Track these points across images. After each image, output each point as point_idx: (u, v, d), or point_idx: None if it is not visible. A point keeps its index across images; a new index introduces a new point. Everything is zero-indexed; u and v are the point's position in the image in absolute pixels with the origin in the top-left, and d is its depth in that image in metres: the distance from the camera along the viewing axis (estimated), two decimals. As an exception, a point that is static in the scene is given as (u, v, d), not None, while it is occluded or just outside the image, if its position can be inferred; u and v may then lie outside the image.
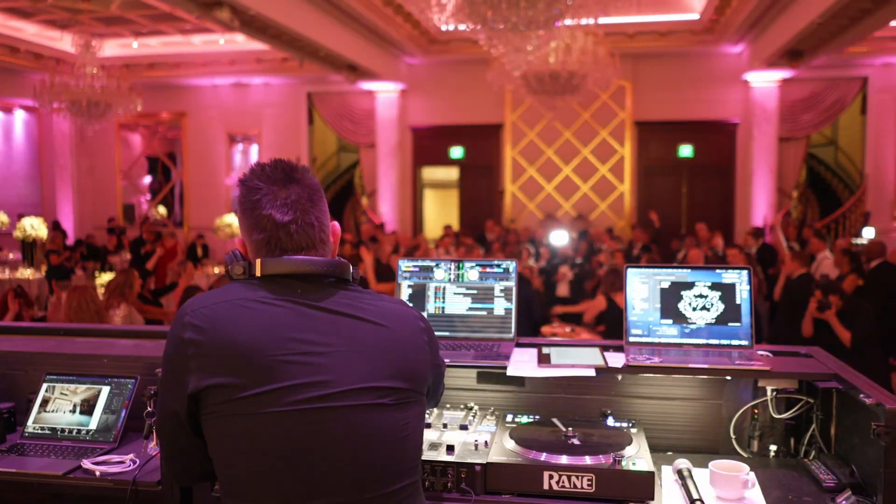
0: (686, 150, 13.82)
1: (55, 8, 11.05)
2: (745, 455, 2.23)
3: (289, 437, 1.37)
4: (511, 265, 2.39)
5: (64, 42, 12.61)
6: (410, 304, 1.64)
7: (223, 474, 1.43)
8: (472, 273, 2.40)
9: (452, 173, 15.14)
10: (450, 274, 2.41)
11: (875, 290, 7.27)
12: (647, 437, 2.27)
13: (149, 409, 2.08)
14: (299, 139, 14.78)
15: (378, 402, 1.40)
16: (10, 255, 12.56)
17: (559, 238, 10.30)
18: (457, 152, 14.55)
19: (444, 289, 2.41)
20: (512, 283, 2.37)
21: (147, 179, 17.43)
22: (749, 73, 12.80)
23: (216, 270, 10.79)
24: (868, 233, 11.59)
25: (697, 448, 2.29)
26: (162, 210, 16.59)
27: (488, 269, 2.40)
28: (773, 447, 2.23)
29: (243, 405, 1.37)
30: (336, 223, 1.58)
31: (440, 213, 15.77)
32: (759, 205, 13.05)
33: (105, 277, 9.28)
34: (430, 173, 15.58)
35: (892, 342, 7.25)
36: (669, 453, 2.24)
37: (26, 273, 10.96)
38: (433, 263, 2.43)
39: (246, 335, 1.38)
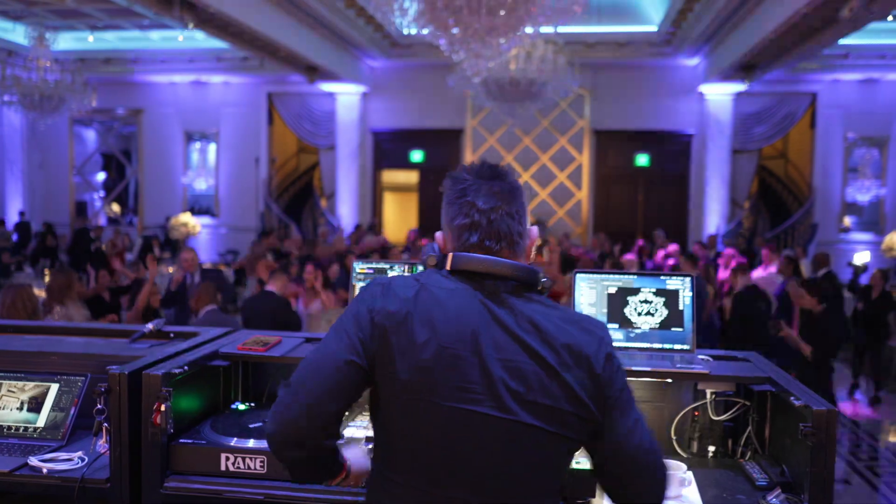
0: (643, 160, 14.10)
1: (9, -2, 10.81)
2: (684, 455, 2.31)
3: (451, 432, 1.41)
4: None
5: (17, 34, 12.33)
6: (598, 328, 1.49)
7: (381, 440, 1.49)
8: (425, 276, 2.44)
9: (412, 177, 15.18)
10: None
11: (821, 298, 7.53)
12: (593, 437, 2.35)
13: (98, 405, 2.08)
14: (259, 139, 14.67)
15: (540, 425, 1.41)
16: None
17: None
18: (417, 156, 14.60)
19: (398, 291, 2.43)
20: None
21: (101, 176, 17.11)
22: (704, 86, 13.10)
23: (171, 270, 10.62)
24: (861, 257, 11.84)
25: (640, 449, 2.36)
26: (116, 207, 16.30)
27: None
28: (711, 448, 2.31)
29: (418, 386, 1.42)
30: (534, 228, 1.58)
31: (400, 216, 15.80)
32: (713, 214, 13.37)
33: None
34: (390, 176, 15.60)
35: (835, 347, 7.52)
36: (613, 453, 2.30)
37: (-27, 270, 10.68)
38: (387, 266, 2.46)
39: (431, 322, 1.42)
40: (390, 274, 2.45)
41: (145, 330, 2.54)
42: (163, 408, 1.97)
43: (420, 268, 2.46)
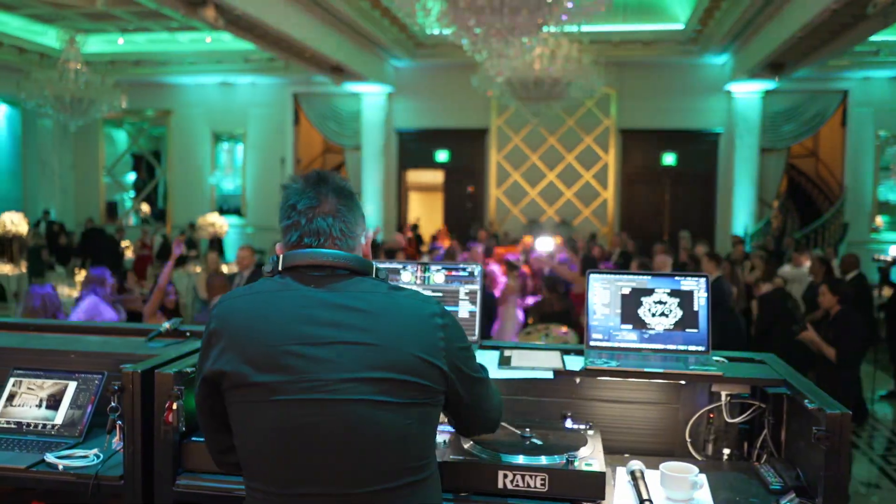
0: (669, 159, 13.97)
1: (40, 2, 11.01)
2: (699, 458, 2.28)
3: (288, 427, 1.44)
4: (476, 268, 2.44)
5: (48, 37, 12.55)
6: (430, 298, 1.58)
7: (238, 450, 1.54)
8: (437, 276, 2.44)
9: (438, 177, 15.20)
10: (416, 277, 2.45)
11: (852, 302, 7.39)
12: (607, 439, 2.32)
13: (112, 404, 2.11)
14: (284, 140, 14.79)
15: (378, 399, 1.43)
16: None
17: (545, 244, 10.33)
18: (442, 156, 14.61)
19: (410, 291, 2.44)
20: (477, 287, 2.41)
21: (131, 176, 17.36)
22: (732, 84, 12.94)
23: (198, 269, 10.75)
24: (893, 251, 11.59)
25: (655, 451, 2.33)
26: (146, 208, 16.52)
27: (454, 273, 2.44)
28: (726, 450, 2.28)
29: (249, 393, 1.46)
30: (370, 230, 1.66)
31: (425, 216, 15.83)
32: (741, 214, 13.20)
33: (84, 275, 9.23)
34: (416, 176, 15.64)
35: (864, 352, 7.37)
36: (627, 455, 2.28)
37: (6, 269, 10.90)
38: (400, 266, 2.47)
39: (256, 327, 1.48)
40: (402, 274, 2.46)
41: (162, 329, 2.57)
42: (174, 406, 1.99)
43: (434, 268, 2.47)
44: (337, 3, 10.49)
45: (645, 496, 1.89)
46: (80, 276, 9.35)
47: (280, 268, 1.56)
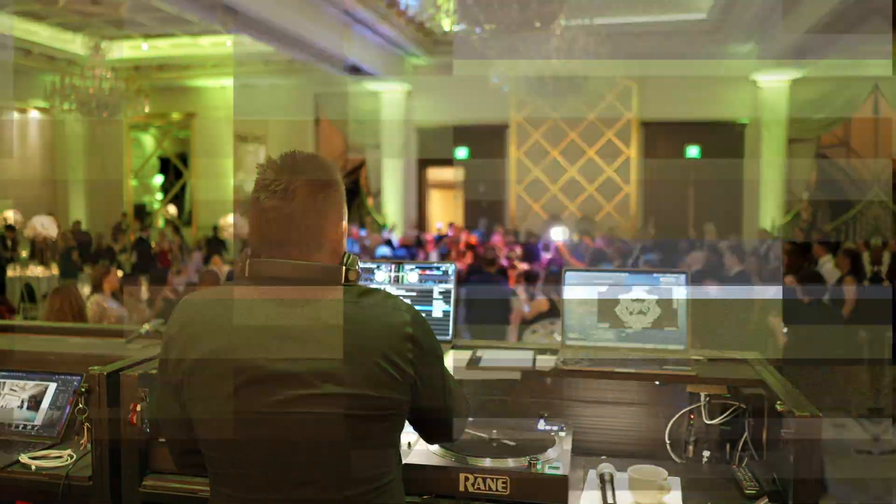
0: (693, 151, 13.74)
1: (68, 11, 11.20)
2: (678, 461, 2.22)
3: (255, 439, 1.41)
4: (450, 267, 2.40)
5: (77, 44, 12.78)
6: (400, 304, 1.50)
7: (205, 455, 1.51)
8: (411, 275, 2.41)
9: (458, 173, 15.16)
10: (389, 276, 2.42)
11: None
12: (586, 440, 2.28)
13: (80, 405, 2.12)
14: (306, 140, 14.88)
15: (345, 413, 1.40)
16: (24, 254, 12.73)
17: (559, 235, 10.26)
18: (462, 153, 14.56)
19: (385, 291, 2.41)
20: (451, 286, 2.38)
21: (159, 179, 17.60)
22: (758, 73, 12.69)
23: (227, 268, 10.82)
24: None
25: (634, 453, 2.28)
26: (172, 210, 16.71)
27: (427, 272, 2.41)
28: (706, 453, 2.21)
29: (214, 405, 1.42)
30: (343, 223, 1.54)
31: (445, 213, 15.80)
32: (768, 206, 12.94)
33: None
34: (436, 173, 15.61)
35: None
36: (604, 457, 2.23)
37: (36, 271, 11.11)
38: (374, 266, 2.44)
39: (221, 340, 1.42)
40: (376, 273, 2.43)
41: (142, 331, 2.58)
42: (138, 408, 1.99)
43: (408, 267, 2.44)
44: (353, 3, 10.50)
45: (610, 500, 1.84)
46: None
47: (247, 274, 1.49)
